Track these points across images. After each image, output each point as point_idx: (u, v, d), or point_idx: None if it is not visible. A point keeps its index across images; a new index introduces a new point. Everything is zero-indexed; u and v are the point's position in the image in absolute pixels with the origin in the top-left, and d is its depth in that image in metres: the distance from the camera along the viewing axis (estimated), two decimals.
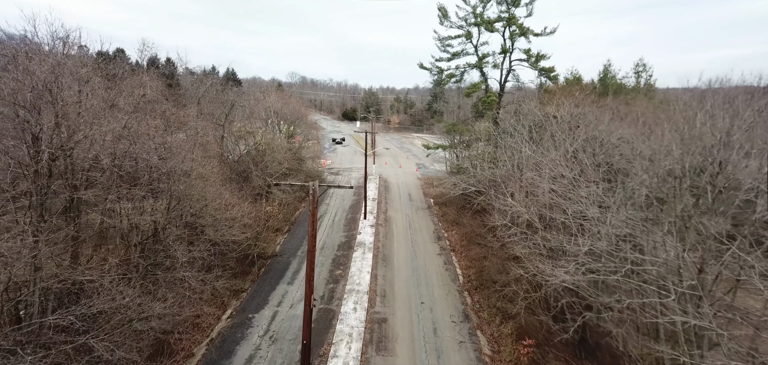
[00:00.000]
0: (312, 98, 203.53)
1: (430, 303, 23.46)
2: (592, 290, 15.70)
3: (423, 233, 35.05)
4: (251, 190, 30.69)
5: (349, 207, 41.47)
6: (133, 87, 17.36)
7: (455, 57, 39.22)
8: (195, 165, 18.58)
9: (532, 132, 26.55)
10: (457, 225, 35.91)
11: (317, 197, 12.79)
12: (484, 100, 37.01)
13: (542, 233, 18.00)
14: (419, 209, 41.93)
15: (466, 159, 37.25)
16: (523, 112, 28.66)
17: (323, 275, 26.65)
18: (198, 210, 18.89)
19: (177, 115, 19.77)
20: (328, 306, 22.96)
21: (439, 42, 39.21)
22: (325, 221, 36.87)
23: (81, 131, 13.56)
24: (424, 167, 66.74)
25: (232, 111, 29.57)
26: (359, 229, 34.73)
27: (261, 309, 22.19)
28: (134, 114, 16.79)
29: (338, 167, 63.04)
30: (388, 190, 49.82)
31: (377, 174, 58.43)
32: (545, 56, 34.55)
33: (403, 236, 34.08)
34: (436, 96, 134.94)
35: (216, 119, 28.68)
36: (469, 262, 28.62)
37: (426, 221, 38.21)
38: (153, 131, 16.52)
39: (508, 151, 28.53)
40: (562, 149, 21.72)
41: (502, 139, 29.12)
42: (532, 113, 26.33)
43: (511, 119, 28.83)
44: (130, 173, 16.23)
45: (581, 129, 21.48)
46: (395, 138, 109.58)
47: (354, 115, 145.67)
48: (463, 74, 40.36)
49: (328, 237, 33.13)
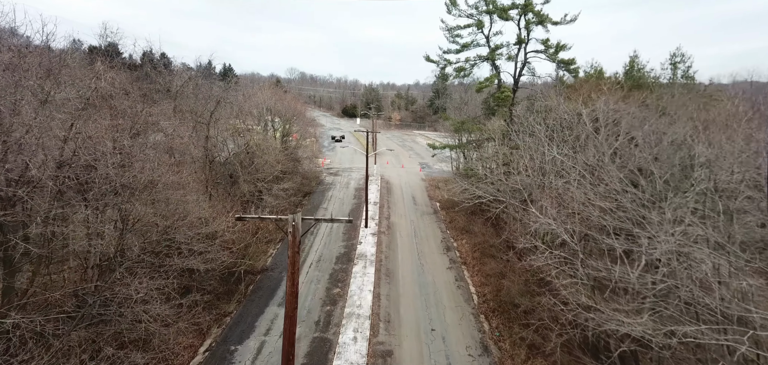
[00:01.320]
0: (311, 95, 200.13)
1: (442, 330, 20.31)
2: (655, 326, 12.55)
3: (430, 243, 31.86)
4: (240, 196, 27.46)
5: (348, 212, 38.26)
6: (84, 79, 14.20)
7: (465, 49, 35.89)
8: (165, 173, 15.30)
9: (556, 132, 23.28)
10: (468, 234, 32.72)
11: (299, 236, 9.53)
12: (497, 95, 33.69)
13: (583, 257, 14.77)
14: (425, 214, 38.73)
15: (478, 161, 33.99)
16: (546, 108, 25.43)
17: (319, 294, 23.48)
18: (167, 228, 15.66)
19: (145, 114, 16.52)
20: (324, 334, 19.80)
21: (448, 32, 35.87)
22: (323, 230, 33.67)
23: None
24: (427, 166, 63.51)
25: (218, 108, 26.29)
26: (360, 238, 31.55)
27: (246, 339, 19.02)
28: (84, 111, 13.53)
29: (337, 166, 59.80)
30: (390, 192, 46.61)
31: (378, 175, 55.19)
32: (565, 47, 31.26)
33: (408, 247, 30.88)
34: (439, 92, 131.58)
35: (198, 118, 25.43)
36: (484, 278, 25.44)
37: (432, 229, 35.01)
38: (104, 133, 13.27)
39: (527, 153, 25.28)
40: (597, 153, 18.50)
41: (521, 139, 25.86)
42: (560, 109, 23.08)
43: (532, 116, 25.58)
44: (75, 186, 13.00)
45: (621, 129, 18.20)
46: (396, 136, 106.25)
47: (354, 111, 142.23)
48: (473, 67, 37.03)
49: (325, 248, 29.93)
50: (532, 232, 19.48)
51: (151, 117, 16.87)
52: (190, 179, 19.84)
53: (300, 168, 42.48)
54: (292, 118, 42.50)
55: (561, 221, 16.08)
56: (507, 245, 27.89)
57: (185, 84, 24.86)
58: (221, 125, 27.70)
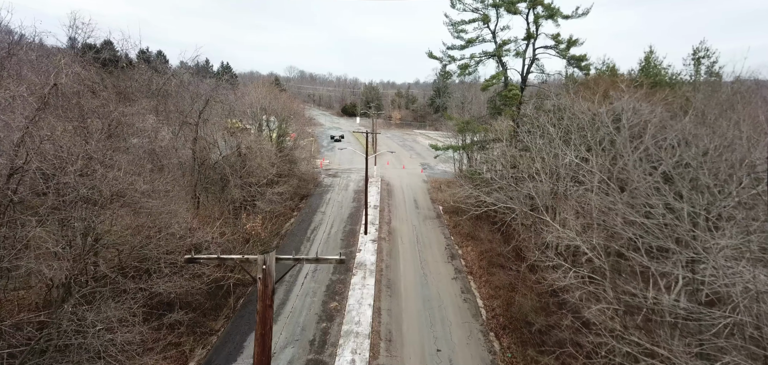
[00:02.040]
0: (310, 93, 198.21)
1: (449, 351, 18.54)
2: None
3: (433, 250, 30.08)
4: (231, 202, 25.67)
5: (347, 217, 36.47)
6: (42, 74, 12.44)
7: (470, 45, 34.04)
8: (137, 181, 13.50)
9: (573, 133, 21.49)
10: (473, 240, 30.93)
11: (272, 283, 7.80)
12: (505, 94, 31.86)
13: (611, 276, 13.00)
14: (427, 219, 36.95)
15: (483, 164, 32.18)
16: (558, 108, 23.65)
17: (315, 309, 21.70)
18: (142, 242, 13.87)
19: (118, 114, 14.69)
20: (319, 356, 18.02)
21: (452, 27, 34.04)
22: (320, 235, 31.88)
23: None
24: (429, 167, 61.73)
25: (208, 108, 24.48)
26: (359, 245, 29.76)
27: (233, 362, 17.26)
28: (41, 112, 11.73)
29: (337, 167, 58.02)
30: (391, 195, 44.81)
31: (379, 176, 53.40)
32: (578, 42, 29.40)
33: (411, 254, 29.10)
34: (440, 91, 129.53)
35: (184, 118, 23.61)
36: (492, 291, 23.65)
37: (436, 234, 33.23)
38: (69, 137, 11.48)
39: (539, 156, 23.50)
40: (621, 157, 16.69)
41: (532, 141, 24.08)
42: (575, 108, 21.27)
43: (543, 116, 23.77)
44: (29, 197, 11.22)
45: (647, 132, 16.40)
46: (397, 135, 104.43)
47: (354, 110, 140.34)
48: (477, 65, 35.24)
49: (322, 255, 28.08)
50: (547, 244, 17.71)
51: (125, 118, 15.05)
52: (173, 186, 18.06)
53: (297, 170, 40.68)
54: (289, 117, 40.66)
55: (584, 235, 14.28)
56: (516, 255, 26.13)
57: (167, 81, 22.96)
58: (212, 125, 25.90)
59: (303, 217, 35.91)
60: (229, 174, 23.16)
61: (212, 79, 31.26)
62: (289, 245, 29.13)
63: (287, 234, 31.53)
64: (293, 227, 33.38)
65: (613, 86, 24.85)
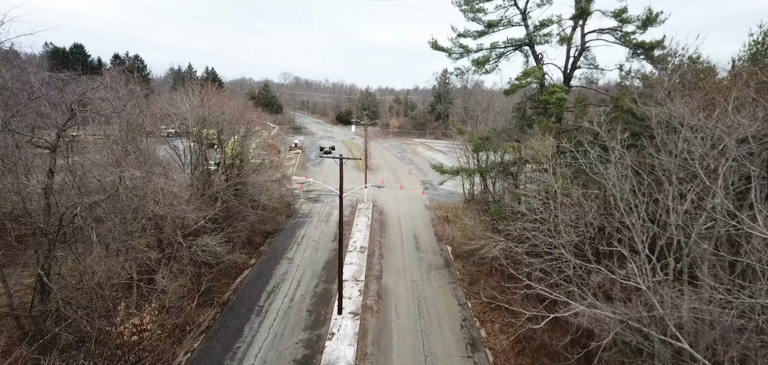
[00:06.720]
0: (305, 100, 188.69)
1: None
2: None
3: (444, 330, 20.15)
4: (108, 274, 15.84)
5: (322, 268, 26.56)
6: None
7: (490, 29, 24.41)
8: None
9: (683, 160, 11.86)
10: (501, 311, 21.02)
11: None
12: (544, 97, 22.04)
13: None
14: (432, 269, 27.06)
15: (513, 199, 22.41)
16: (661, 119, 14.04)
17: None
18: None
19: None
20: None
21: (466, 6, 24.35)
22: (277, 304, 21.87)
23: None
24: (431, 186, 51.92)
25: (73, 120, 14.76)
26: (331, 327, 19.81)
27: None
28: None
29: (320, 188, 47.90)
30: (384, 229, 34.93)
31: (371, 200, 43.53)
32: (657, 18, 19.71)
33: (410, 340, 19.15)
34: (440, 96, 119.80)
35: (34, 140, 13.99)
36: None
37: (446, 299, 23.31)
38: None
39: (622, 196, 13.82)
40: None
41: (604, 171, 14.49)
42: (685, 122, 11.67)
43: (620, 132, 14.13)
44: None
45: None
46: (395, 145, 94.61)
47: (349, 118, 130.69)
48: (500, 58, 25.59)
49: (272, 346, 18.10)
50: None
51: None
52: None
53: (262, 199, 30.75)
54: (246, 132, 30.86)
55: None
56: (580, 349, 16.27)
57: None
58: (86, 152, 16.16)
59: (261, 268, 26.00)
60: (93, 232, 13.27)
61: (87, 77, 21.12)
62: (222, 330, 19.13)
63: (229, 304, 21.57)
64: (243, 287, 23.47)
65: (726, 91, 15.30)
